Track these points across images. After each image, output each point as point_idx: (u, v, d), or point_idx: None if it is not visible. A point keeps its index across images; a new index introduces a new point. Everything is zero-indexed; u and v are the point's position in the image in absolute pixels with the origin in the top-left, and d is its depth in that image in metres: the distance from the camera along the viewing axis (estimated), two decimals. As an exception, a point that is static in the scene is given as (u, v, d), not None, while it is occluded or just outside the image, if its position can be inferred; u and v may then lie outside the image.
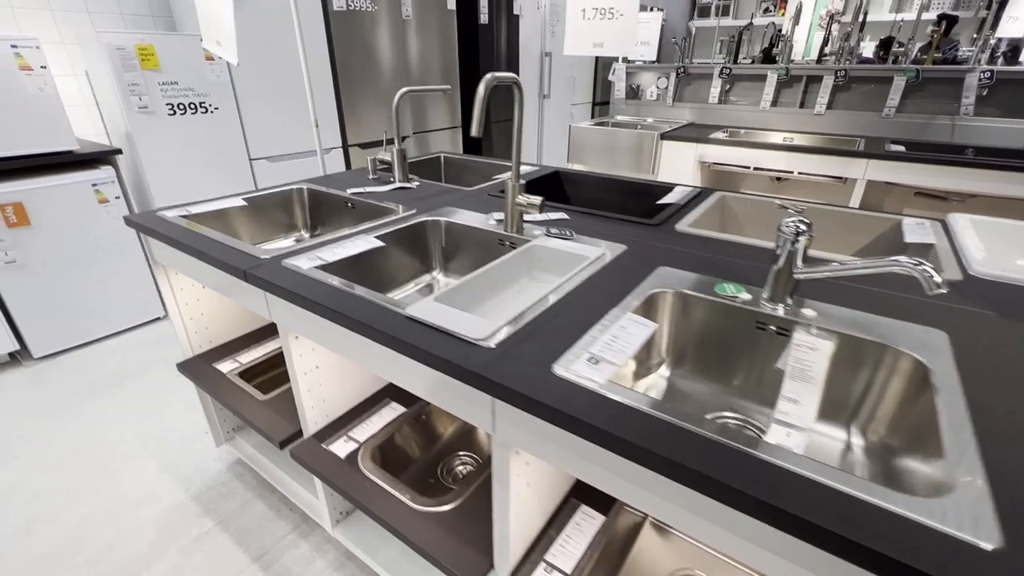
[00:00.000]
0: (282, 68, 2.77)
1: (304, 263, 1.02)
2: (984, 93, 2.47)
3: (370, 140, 3.35)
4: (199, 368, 1.48)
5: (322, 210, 1.63)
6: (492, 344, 0.74)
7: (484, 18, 3.97)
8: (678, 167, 2.84)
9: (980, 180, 2.17)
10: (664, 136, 2.83)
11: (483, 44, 4.04)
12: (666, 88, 3.36)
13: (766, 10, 7.00)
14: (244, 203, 1.48)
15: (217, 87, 2.51)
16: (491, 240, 1.24)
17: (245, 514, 1.54)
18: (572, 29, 1.54)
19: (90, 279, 2.34)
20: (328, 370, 1.20)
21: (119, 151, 2.34)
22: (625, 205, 1.69)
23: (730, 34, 6.68)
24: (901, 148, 2.43)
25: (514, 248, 1.21)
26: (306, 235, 1.68)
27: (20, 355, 2.32)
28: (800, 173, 2.56)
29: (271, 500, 1.60)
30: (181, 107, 2.42)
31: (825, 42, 4.30)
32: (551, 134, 5.54)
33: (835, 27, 5.15)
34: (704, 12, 7.44)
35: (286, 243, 1.60)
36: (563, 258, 1.09)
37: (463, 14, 3.88)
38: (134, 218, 1.34)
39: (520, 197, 1.16)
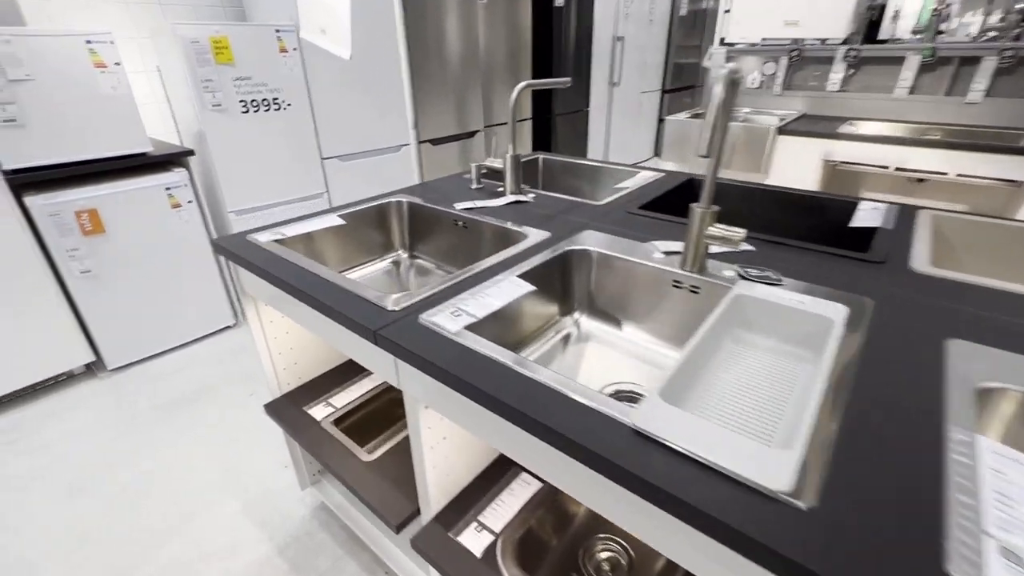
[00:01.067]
0: (357, 58, 2.56)
1: (448, 321, 0.78)
2: None
3: (441, 136, 3.12)
4: (289, 412, 1.28)
5: (423, 227, 1.40)
6: (789, 490, 0.47)
7: (560, 1, 3.64)
8: (796, 166, 2.47)
9: None
10: (782, 130, 2.45)
11: (557, 29, 3.72)
12: (773, 74, 2.95)
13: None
14: (342, 221, 1.27)
15: (290, 81, 2.33)
16: (662, 281, 0.97)
17: (337, 577, 1.35)
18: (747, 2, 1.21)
19: (162, 287, 2.22)
20: (456, 439, 0.97)
21: (191, 152, 2.19)
22: (792, 224, 1.37)
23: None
24: (1101, 145, 1.98)
25: (695, 292, 0.93)
26: (404, 255, 1.46)
27: (95, 366, 2.24)
28: (959, 175, 2.14)
29: (363, 559, 1.40)
30: (254, 104, 2.25)
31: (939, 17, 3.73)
32: (620, 125, 5.17)
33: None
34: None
35: (382, 265, 1.38)
36: (787, 317, 0.80)
37: (538, -4, 3.56)
38: (222, 243, 1.14)
39: (714, 227, 0.88)
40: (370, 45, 2.56)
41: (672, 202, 1.46)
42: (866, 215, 1.20)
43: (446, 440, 0.94)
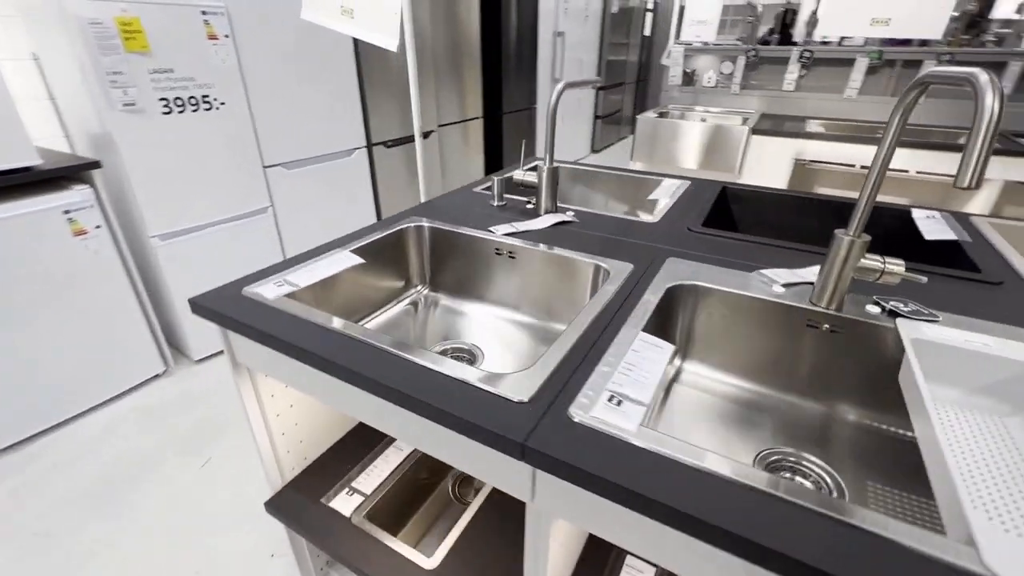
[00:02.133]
0: (302, 48, 2.19)
1: (617, 417, 0.57)
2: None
3: (395, 137, 2.81)
4: (302, 509, 0.99)
5: (449, 257, 1.15)
6: None
7: (508, -9, 3.44)
8: (769, 165, 2.50)
9: None
10: (755, 131, 2.46)
11: (505, 23, 3.52)
12: (731, 74, 2.99)
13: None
14: (359, 259, 0.99)
15: (223, 75, 1.92)
16: (791, 321, 0.83)
17: None
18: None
19: (68, 336, 1.74)
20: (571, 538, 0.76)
21: (97, 164, 1.72)
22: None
23: (746, 15, 6.37)
24: (1037, 143, 2.18)
25: (835, 333, 0.80)
26: (424, 292, 1.20)
27: (-27, 448, 1.70)
28: (918, 172, 2.27)
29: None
30: (179, 103, 1.82)
31: None
32: (561, 122, 5.09)
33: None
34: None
35: (400, 308, 1.12)
36: (974, 363, 0.69)
37: (486, -14, 3.34)
38: (207, 303, 0.83)
39: (868, 259, 0.75)
40: (314, 32, 2.20)
41: (725, 216, 1.34)
42: (932, 226, 1.15)
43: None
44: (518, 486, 0.62)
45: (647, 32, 6.72)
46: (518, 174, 1.23)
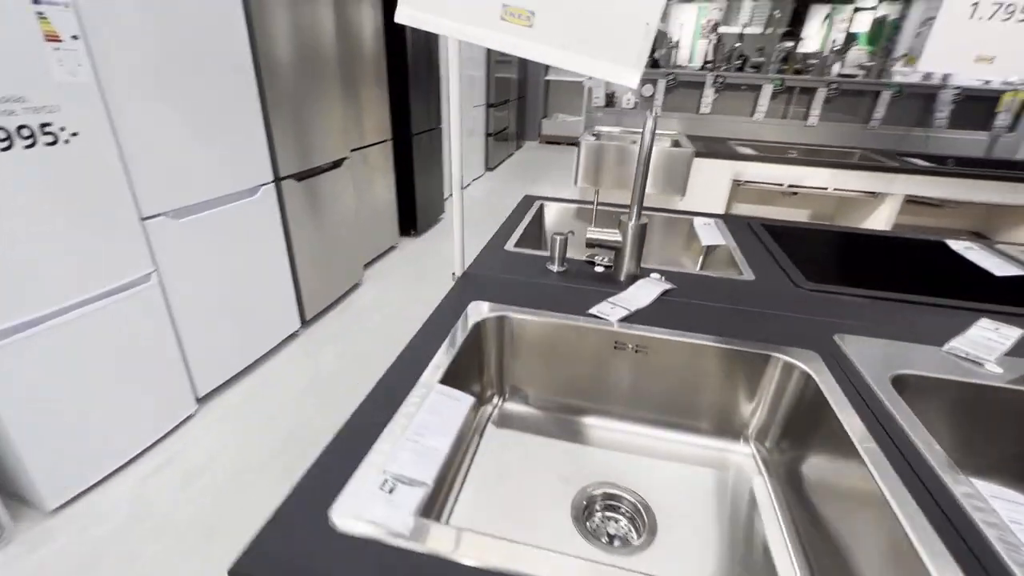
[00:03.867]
0: (185, 58, 1.62)
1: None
2: (954, 108, 2.72)
3: (306, 168, 2.30)
4: None
5: (536, 356, 0.84)
6: None
7: None
8: (710, 187, 2.55)
9: (983, 190, 2.34)
10: (699, 154, 2.50)
11: (411, 37, 3.17)
12: (652, 96, 3.04)
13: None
14: (471, 399, 0.64)
15: (73, 94, 1.31)
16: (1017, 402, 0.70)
17: None
18: (943, 33, 1.02)
19: None
20: None
21: None
22: (899, 275, 1.27)
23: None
24: (922, 162, 2.52)
25: (1076, 417, 0.69)
26: (497, 403, 0.86)
27: None
28: (836, 189, 2.49)
29: None
30: (2, 135, 1.18)
31: (715, 51, 4.52)
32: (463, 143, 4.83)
33: (713, 36, 5.47)
34: (563, 12, 7.40)
35: (495, 434, 0.79)
36: None
37: (386, 4, 2.96)
38: (255, 566, 0.42)
39: None
40: (203, 32, 1.66)
41: (790, 259, 1.21)
42: (991, 261, 1.16)
43: None
44: None
45: (524, 50, 6.80)
46: (594, 232, 0.97)
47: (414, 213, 3.64)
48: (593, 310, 0.84)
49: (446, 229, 3.93)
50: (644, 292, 0.92)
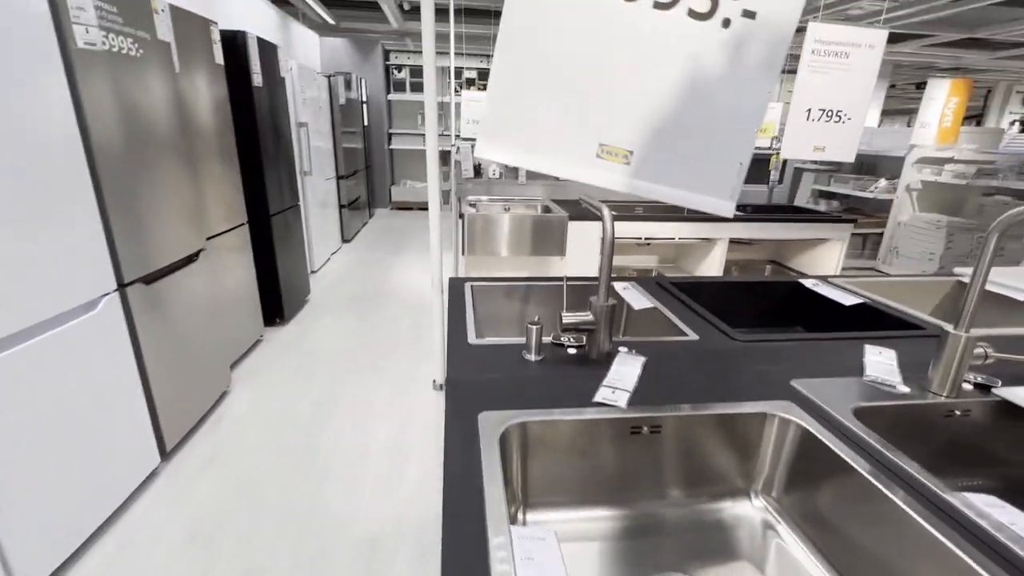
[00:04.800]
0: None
1: None
2: (742, 168, 3.47)
3: (159, 267, 1.93)
4: None
5: (554, 457, 0.81)
6: None
7: (258, 79, 2.93)
8: (585, 246, 2.81)
9: (778, 230, 3.02)
10: (571, 217, 2.75)
11: (260, 111, 2.96)
12: (515, 167, 3.28)
13: (456, 89, 7.84)
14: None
15: None
16: (928, 414, 0.89)
17: None
18: (793, 130, 1.27)
19: None
20: None
21: None
22: (783, 312, 1.53)
23: (421, 110, 7.32)
24: (737, 212, 3.13)
25: (967, 415, 0.91)
26: (519, 519, 0.80)
27: None
28: (681, 238, 2.95)
29: None
30: None
31: None
32: (319, 216, 4.57)
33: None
34: (398, 87, 7.72)
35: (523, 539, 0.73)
36: (1068, 413, 0.88)
37: (233, 72, 2.75)
38: None
39: (980, 346, 0.88)
40: (12, 126, 1.32)
41: (722, 312, 1.38)
42: (836, 293, 1.48)
43: None
44: None
45: (365, 123, 6.83)
46: (568, 317, 0.99)
47: (279, 299, 3.28)
48: (598, 398, 0.85)
49: (315, 312, 3.61)
50: (628, 369, 0.96)
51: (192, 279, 2.18)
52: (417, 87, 7.80)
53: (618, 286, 1.49)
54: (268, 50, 3.08)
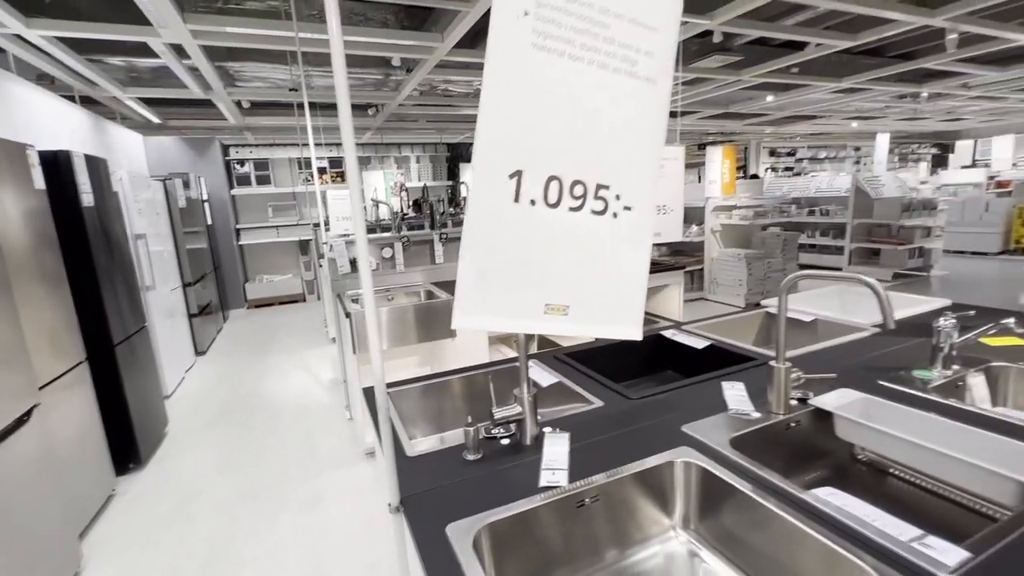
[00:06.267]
0: None
1: None
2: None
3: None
4: None
5: (523, 545, 0.89)
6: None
7: (88, 199, 2.66)
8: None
9: None
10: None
11: (92, 231, 2.66)
12: (391, 257, 3.36)
13: (306, 179, 7.75)
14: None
15: None
16: (778, 428, 1.18)
17: None
18: None
19: None
20: None
21: None
22: (650, 363, 1.81)
23: (271, 201, 7.39)
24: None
25: (796, 424, 1.22)
26: (502, 615, 0.85)
27: None
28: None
29: None
30: None
31: (409, 204, 5.47)
32: (165, 333, 4.07)
33: (404, 194, 6.51)
34: (242, 181, 7.39)
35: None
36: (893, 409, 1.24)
37: (59, 195, 2.47)
38: None
39: (793, 372, 1.21)
40: None
41: (610, 374, 1.59)
42: (688, 339, 1.82)
43: None
44: None
45: (209, 221, 6.35)
46: (499, 412, 1.11)
47: (132, 441, 2.82)
48: (543, 482, 0.97)
49: (176, 446, 3.14)
50: (558, 448, 1.10)
51: (22, 446, 1.82)
52: (263, 180, 7.53)
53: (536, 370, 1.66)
54: (96, 166, 2.81)
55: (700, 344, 1.77)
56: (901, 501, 1.14)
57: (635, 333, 0.84)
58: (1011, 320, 1.61)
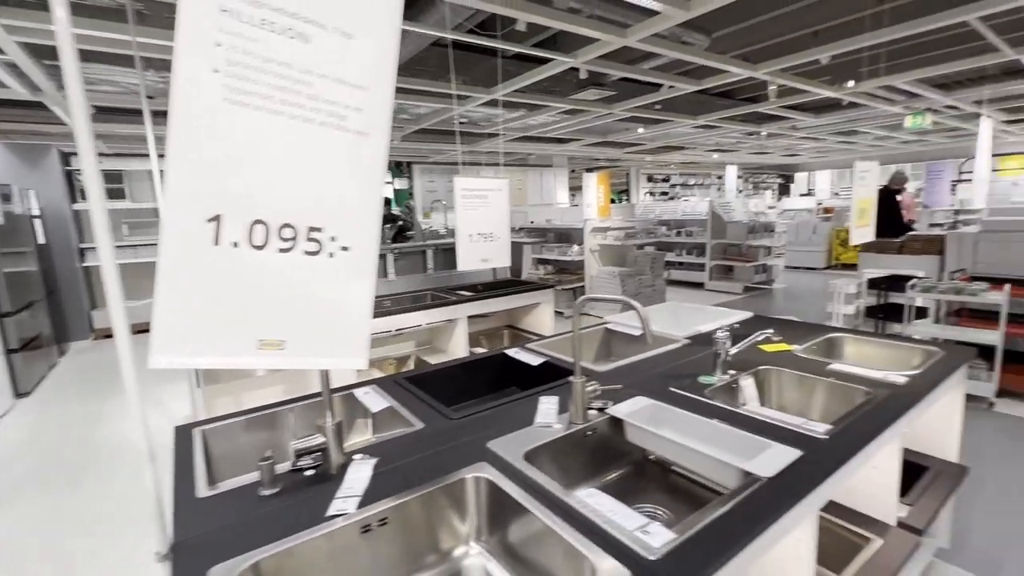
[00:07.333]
0: None
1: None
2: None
3: None
4: None
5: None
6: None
7: None
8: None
9: (504, 302, 3.68)
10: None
11: None
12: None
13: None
14: None
15: None
16: (574, 439, 1.30)
17: None
18: (463, 248, 1.50)
19: None
20: None
21: None
22: (477, 382, 1.88)
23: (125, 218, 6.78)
24: (466, 292, 3.66)
25: (591, 433, 1.34)
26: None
27: None
28: (428, 324, 3.30)
29: None
30: None
31: None
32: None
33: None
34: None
35: None
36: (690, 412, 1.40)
37: None
38: None
39: (589, 386, 1.34)
40: None
41: (445, 394, 1.62)
42: (528, 357, 1.93)
43: None
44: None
45: (41, 240, 5.51)
46: (299, 443, 1.09)
47: (-97, 507, 2.32)
48: (331, 511, 0.98)
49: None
50: (360, 475, 1.11)
51: None
52: (117, 194, 6.71)
53: (359, 392, 1.65)
54: None
55: (536, 361, 1.89)
56: (676, 490, 1.30)
57: (360, 363, 0.88)
58: (770, 330, 1.92)
